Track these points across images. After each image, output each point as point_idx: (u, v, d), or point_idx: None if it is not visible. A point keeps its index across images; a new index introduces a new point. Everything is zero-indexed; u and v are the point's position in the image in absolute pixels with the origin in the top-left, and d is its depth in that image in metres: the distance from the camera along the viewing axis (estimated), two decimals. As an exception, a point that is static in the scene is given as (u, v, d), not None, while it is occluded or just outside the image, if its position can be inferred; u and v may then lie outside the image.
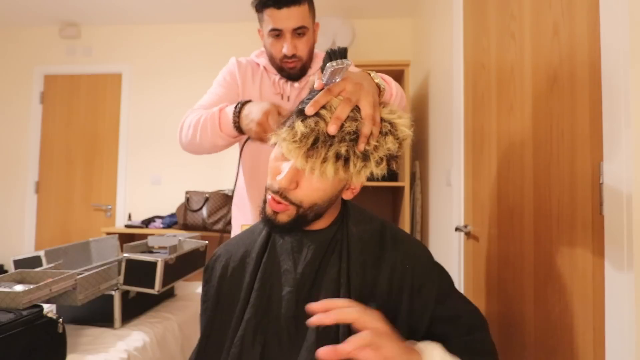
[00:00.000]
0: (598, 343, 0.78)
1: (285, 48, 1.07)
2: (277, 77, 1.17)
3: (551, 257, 0.95)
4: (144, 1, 2.98)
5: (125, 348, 1.35)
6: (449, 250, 1.80)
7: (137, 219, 3.18)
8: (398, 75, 2.48)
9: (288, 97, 1.17)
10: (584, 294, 0.83)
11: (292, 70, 1.12)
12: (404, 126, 0.65)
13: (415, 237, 0.75)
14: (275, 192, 0.64)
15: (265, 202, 0.68)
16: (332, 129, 0.59)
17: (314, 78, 0.66)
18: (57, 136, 3.40)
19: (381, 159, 0.63)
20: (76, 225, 3.36)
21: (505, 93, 1.21)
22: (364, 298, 0.64)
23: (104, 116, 3.37)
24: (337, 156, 0.59)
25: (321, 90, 0.63)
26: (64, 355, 1.23)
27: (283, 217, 0.65)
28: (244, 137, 1.05)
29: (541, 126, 1.00)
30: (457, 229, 1.57)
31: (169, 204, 3.21)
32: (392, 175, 2.49)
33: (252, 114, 0.90)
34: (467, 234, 1.55)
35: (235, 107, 0.95)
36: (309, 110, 0.61)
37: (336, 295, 0.65)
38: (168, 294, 1.91)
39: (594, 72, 0.80)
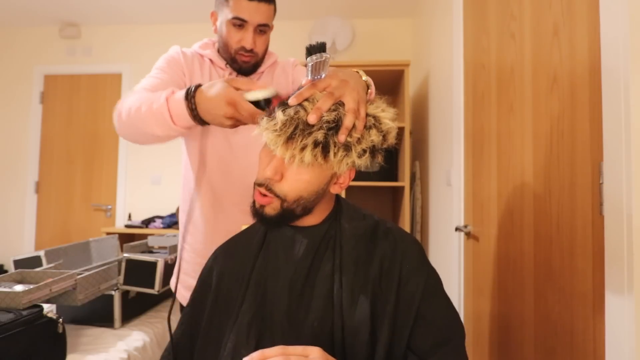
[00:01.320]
0: (598, 343, 0.78)
1: (247, 41, 1.02)
2: (227, 72, 1.10)
3: (551, 257, 0.95)
4: (144, 1, 2.98)
5: (125, 348, 1.35)
6: (449, 250, 1.80)
7: (137, 219, 3.18)
8: (398, 75, 2.48)
9: None
10: (584, 294, 0.83)
11: (245, 64, 1.06)
12: (388, 119, 0.67)
13: (410, 235, 0.75)
14: (261, 185, 0.66)
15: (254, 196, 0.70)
16: (312, 118, 0.61)
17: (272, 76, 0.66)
18: (57, 136, 3.40)
19: (364, 150, 0.64)
20: (76, 225, 3.36)
21: (505, 93, 1.21)
22: (355, 294, 0.65)
23: (104, 116, 3.37)
24: (315, 143, 0.61)
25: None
26: (64, 355, 1.23)
27: (269, 211, 0.67)
28: (197, 128, 0.90)
29: (541, 126, 1.00)
30: (457, 229, 1.57)
31: (169, 204, 3.21)
32: (392, 175, 2.49)
33: (213, 108, 0.77)
34: (467, 234, 1.55)
35: (188, 94, 0.80)
36: (292, 101, 0.63)
37: (330, 291, 0.66)
38: (168, 294, 1.91)
39: (594, 72, 0.80)
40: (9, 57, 3.46)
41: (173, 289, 1.18)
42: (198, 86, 0.80)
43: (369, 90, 0.73)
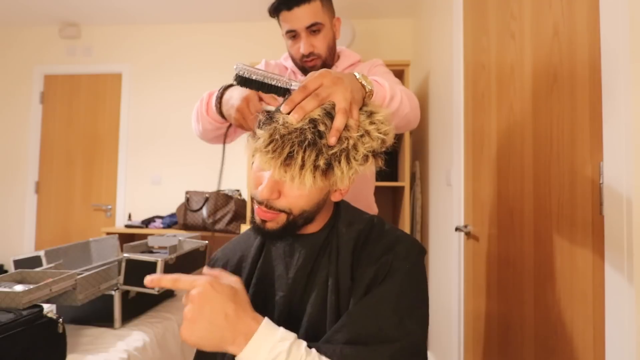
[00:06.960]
0: (598, 343, 0.78)
1: (302, 47, 1.07)
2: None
3: (551, 257, 0.95)
4: (144, 1, 2.98)
5: (125, 348, 1.35)
6: (449, 250, 1.80)
7: (137, 219, 3.18)
8: (398, 76, 2.48)
9: None
10: (584, 294, 0.83)
11: (312, 68, 1.10)
12: (384, 123, 0.63)
13: (408, 236, 0.72)
14: (260, 203, 0.64)
15: (253, 210, 0.68)
16: (332, 141, 0.58)
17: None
18: (57, 136, 3.40)
19: (365, 156, 0.61)
20: (76, 225, 3.36)
21: (505, 93, 1.21)
22: (355, 298, 0.63)
23: (104, 116, 3.37)
24: (315, 166, 0.57)
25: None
26: (64, 355, 1.23)
27: (272, 225, 0.64)
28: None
29: (541, 126, 1.00)
30: (457, 229, 1.57)
31: (169, 204, 3.21)
32: (392, 175, 2.49)
33: (233, 99, 0.86)
34: (467, 234, 1.55)
35: (219, 90, 0.91)
36: (285, 108, 0.60)
37: (323, 298, 0.64)
38: (168, 294, 1.91)
39: (594, 72, 0.80)
40: (9, 57, 3.46)
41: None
42: (229, 86, 0.91)
43: (369, 89, 0.69)
